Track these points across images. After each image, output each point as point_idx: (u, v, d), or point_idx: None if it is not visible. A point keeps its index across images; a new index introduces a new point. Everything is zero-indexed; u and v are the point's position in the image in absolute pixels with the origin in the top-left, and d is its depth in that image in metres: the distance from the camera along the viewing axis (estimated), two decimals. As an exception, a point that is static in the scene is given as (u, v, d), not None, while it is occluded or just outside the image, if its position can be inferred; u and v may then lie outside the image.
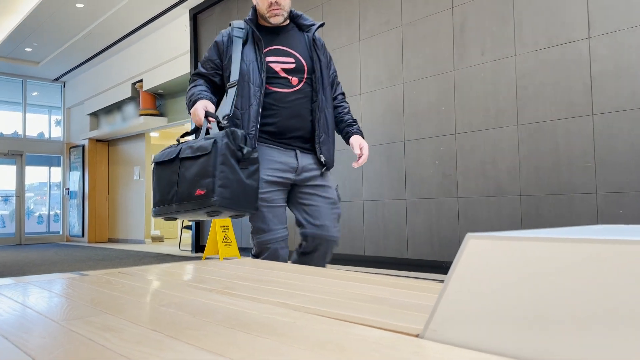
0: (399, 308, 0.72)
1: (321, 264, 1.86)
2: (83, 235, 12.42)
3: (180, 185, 1.52)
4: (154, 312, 0.72)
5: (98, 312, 0.73)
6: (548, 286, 0.46)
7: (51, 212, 13.38)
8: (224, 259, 7.03)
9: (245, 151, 1.56)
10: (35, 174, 13.21)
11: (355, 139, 2.03)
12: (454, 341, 0.52)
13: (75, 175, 12.67)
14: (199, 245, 8.15)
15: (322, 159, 1.91)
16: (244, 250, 7.20)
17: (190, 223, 8.48)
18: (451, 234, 4.80)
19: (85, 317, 0.70)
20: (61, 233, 13.14)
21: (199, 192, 1.50)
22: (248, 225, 7.09)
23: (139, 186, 11.56)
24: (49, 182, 13.37)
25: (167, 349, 0.54)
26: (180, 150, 1.57)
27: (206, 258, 7.06)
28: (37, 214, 13.26)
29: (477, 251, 0.52)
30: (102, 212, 12.48)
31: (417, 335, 0.56)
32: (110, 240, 12.43)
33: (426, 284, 0.93)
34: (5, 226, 12.41)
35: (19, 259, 8.06)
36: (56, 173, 13.38)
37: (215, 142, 1.53)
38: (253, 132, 1.78)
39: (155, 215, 1.64)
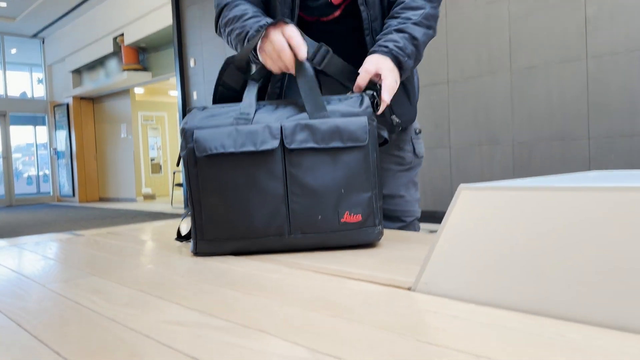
0: (391, 261, 0.71)
1: None
2: (74, 195, 12.37)
3: (297, 204, 0.79)
4: (142, 273, 0.70)
5: (85, 275, 0.71)
6: (542, 237, 0.45)
7: (40, 173, 13.26)
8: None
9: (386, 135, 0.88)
10: (21, 135, 12.99)
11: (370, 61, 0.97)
12: (446, 293, 0.51)
13: (62, 135, 12.48)
14: (191, 202, 8.16)
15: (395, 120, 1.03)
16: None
17: (181, 181, 8.45)
18: (443, 183, 4.82)
19: (72, 280, 0.69)
20: (51, 194, 13.07)
21: (349, 218, 0.80)
22: None
23: (127, 144, 11.43)
24: (35, 142, 13.17)
25: (155, 310, 0.52)
26: (283, 130, 0.78)
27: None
28: (25, 175, 13.13)
29: (470, 202, 0.50)
30: (91, 172, 12.38)
31: (409, 289, 0.55)
32: (101, 200, 12.40)
33: (418, 235, 0.92)
34: (-6, 188, 12.31)
35: (10, 220, 8.03)
36: (42, 133, 13.17)
37: (372, 120, 0.81)
38: (277, 90, 1.14)
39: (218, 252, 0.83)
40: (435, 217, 4.69)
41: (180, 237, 0.97)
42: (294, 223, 0.78)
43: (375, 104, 0.83)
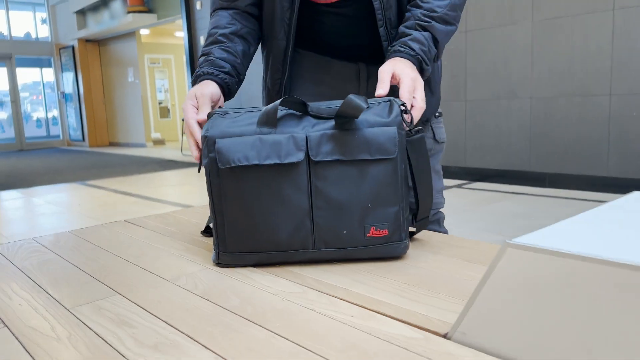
0: (422, 283, 0.69)
1: None
2: (83, 139, 12.39)
3: (322, 219, 0.75)
4: (167, 294, 0.69)
5: (108, 293, 0.70)
6: (594, 311, 0.42)
7: (49, 115, 13.23)
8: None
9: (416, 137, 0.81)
10: (28, 76, 12.86)
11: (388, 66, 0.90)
12: (483, 347, 0.49)
13: (68, 78, 12.34)
14: (200, 149, 8.15)
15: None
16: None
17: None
18: (457, 138, 4.74)
19: (94, 299, 0.67)
20: (61, 137, 13.10)
21: (375, 233, 0.76)
22: None
23: (134, 88, 11.30)
24: (42, 83, 13.06)
25: (185, 357, 0.51)
26: (308, 141, 0.73)
27: (209, 163, 7.09)
28: (35, 118, 13.12)
29: (516, 262, 0.47)
30: (100, 116, 12.33)
31: (445, 335, 0.53)
32: (111, 144, 12.42)
33: (444, 239, 0.88)
34: (4, 131, 12.34)
35: (22, 167, 8.10)
36: (48, 75, 13.03)
37: (401, 129, 0.75)
38: (277, 87, 1.07)
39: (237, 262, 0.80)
40: (448, 171, 4.63)
41: (207, 231, 0.98)
42: (318, 237, 0.76)
43: (404, 112, 0.77)
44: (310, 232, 0.76)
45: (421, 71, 0.91)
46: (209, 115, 0.81)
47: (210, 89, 0.92)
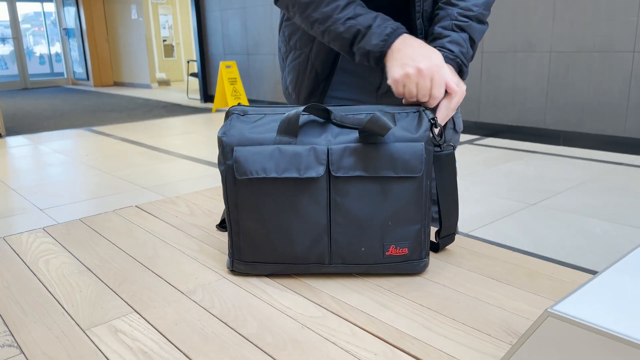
0: (450, 307, 0.67)
1: None
2: (88, 78, 12.21)
3: (340, 235, 0.72)
4: (183, 312, 0.68)
5: (123, 307, 0.69)
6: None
7: (52, 51, 12.97)
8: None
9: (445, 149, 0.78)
10: (28, 8, 12.50)
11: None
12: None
13: (70, 12, 11.99)
14: (207, 95, 8.02)
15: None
16: (254, 102, 7.09)
17: (196, 70, 8.23)
18: (472, 91, 4.62)
19: (110, 317, 0.66)
20: (65, 76, 12.90)
21: (394, 251, 0.73)
22: (258, 76, 6.81)
23: (139, 27, 10.98)
24: (43, 13, 12.70)
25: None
26: (329, 154, 0.69)
27: (216, 111, 6.99)
28: (37, 54, 12.87)
29: (555, 332, 0.44)
30: (103, 54, 12.08)
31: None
32: (116, 84, 12.25)
33: (465, 249, 0.84)
34: (7, 67, 12.15)
35: (27, 109, 8.03)
36: (49, 9, 12.65)
37: (427, 147, 0.71)
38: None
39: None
40: (518, 132, 4.48)
41: (222, 225, 0.96)
42: (336, 252, 0.73)
43: (434, 125, 0.73)
44: (328, 247, 0.73)
45: (460, 73, 0.87)
46: (227, 114, 0.77)
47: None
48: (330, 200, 0.71)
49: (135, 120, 6.42)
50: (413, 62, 0.79)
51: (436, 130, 0.73)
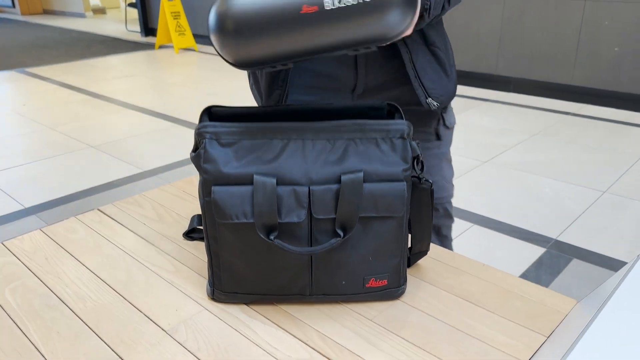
0: (433, 343, 0.69)
1: None
2: (13, 5, 11.13)
3: (322, 271, 0.73)
4: (169, 356, 0.67)
5: (105, 351, 0.68)
6: None
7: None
8: (179, 50, 6.57)
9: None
10: None
11: None
12: None
13: None
14: (148, 28, 7.53)
15: None
16: (199, 38, 6.73)
17: (134, 0, 7.65)
18: (489, 40, 4.54)
19: None
20: (-13, 3, 11.70)
21: (374, 283, 0.75)
22: (204, 8, 6.45)
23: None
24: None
25: None
26: (311, 196, 0.68)
27: (159, 47, 6.60)
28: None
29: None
30: (29, -21, 10.97)
31: None
32: (45, 12, 11.25)
33: (449, 266, 0.84)
34: None
35: (-52, 43, 7.29)
36: None
37: (410, 182, 0.72)
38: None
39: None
40: (470, 77, 4.42)
41: (189, 234, 0.95)
42: (317, 286, 0.74)
43: (417, 160, 0.72)
44: (309, 281, 0.74)
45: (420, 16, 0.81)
46: (198, 135, 0.72)
47: None
48: (312, 240, 0.71)
49: (74, 59, 5.99)
50: None
51: (418, 167, 0.73)
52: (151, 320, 0.75)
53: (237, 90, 4.56)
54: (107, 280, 0.84)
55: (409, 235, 0.82)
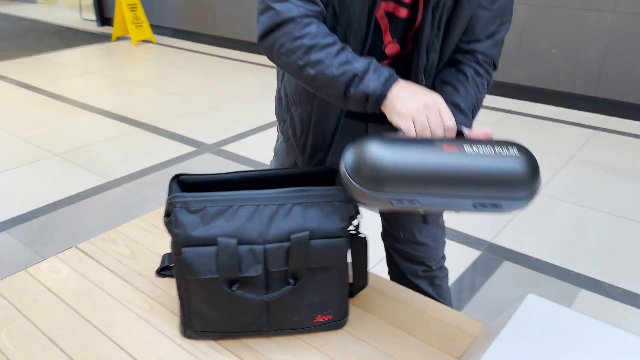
0: None
1: None
2: (-43, -10, 10.60)
3: (277, 312, 0.88)
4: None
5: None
6: None
7: None
8: (137, 42, 6.47)
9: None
10: None
11: None
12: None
13: None
14: (104, 18, 7.38)
15: None
16: (157, 29, 6.67)
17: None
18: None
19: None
20: None
21: (321, 318, 0.91)
22: (159, 0, 6.22)
23: None
24: None
25: None
26: (266, 254, 0.83)
27: (117, 39, 6.51)
28: None
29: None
30: (-27, -38, 10.44)
31: None
32: (-7, -2, 10.76)
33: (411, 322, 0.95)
34: None
35: None
36: None
37: (347, 240, 0.87)
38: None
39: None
40: (502, 87, 4.37)
41: (162, 272, 1.05)
42: (273, 324, 0.90)
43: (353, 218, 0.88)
44: (266, 321, 0.90)
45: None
46: (169, 204, 0.85)
47: None
48: (268, 288, 0.86)
49: (27, 54, 5.85)
50: (417, 98, 0.84)
51: (355, 222, 0.89)
52: (133, 357, 0.88)
53: (198, 90, 4.61)
54: (94, 322, 0.97)
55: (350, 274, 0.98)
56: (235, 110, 4.07)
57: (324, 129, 1.08)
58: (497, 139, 0.80)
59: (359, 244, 0.92)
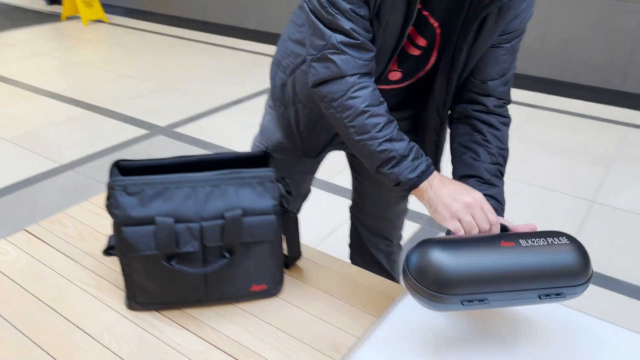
0: (311, 348, 0.95)
1: None
2: None
3: (214, 284, 0.97)
4: (96, 357, 0.88)
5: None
6: None
7: None
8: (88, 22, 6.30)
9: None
10: None
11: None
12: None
13: None
14: (53, -4, 7.11)
15: None
16: (109, 8, 6.49)
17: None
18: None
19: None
20: None
21: (256, 287, 0.99)
22: None
23: None
24: None
25: None
26: (202, 231, 0.90)
27: (67, 18, 6.31)
28: None
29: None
30: None
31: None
32: None
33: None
34: None
35: None
36: None
37: (281, 205, 0.96)
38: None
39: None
40: (524, 78, 4.30)
41: (108, 251, 1.09)
42: (211, 294, 0.98)
43: (285, 194, 0.96)
44: (205, 292, 0.97)
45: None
46: (109, 188, 0.92)
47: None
48: (205, 261, 0.94)
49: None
50: (457, 198, 0.90)
51: (285, 202, 0.97)
52: (81, 329, 0.95)
53: (151, 71, 4.56)
54: (43, 298, 1.02)
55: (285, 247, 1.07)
56: (189, 92, 4.07)
57: (330, 128, 1.15)
58: (541, 230, 0.86)
59: (290, 220, 1.01)
